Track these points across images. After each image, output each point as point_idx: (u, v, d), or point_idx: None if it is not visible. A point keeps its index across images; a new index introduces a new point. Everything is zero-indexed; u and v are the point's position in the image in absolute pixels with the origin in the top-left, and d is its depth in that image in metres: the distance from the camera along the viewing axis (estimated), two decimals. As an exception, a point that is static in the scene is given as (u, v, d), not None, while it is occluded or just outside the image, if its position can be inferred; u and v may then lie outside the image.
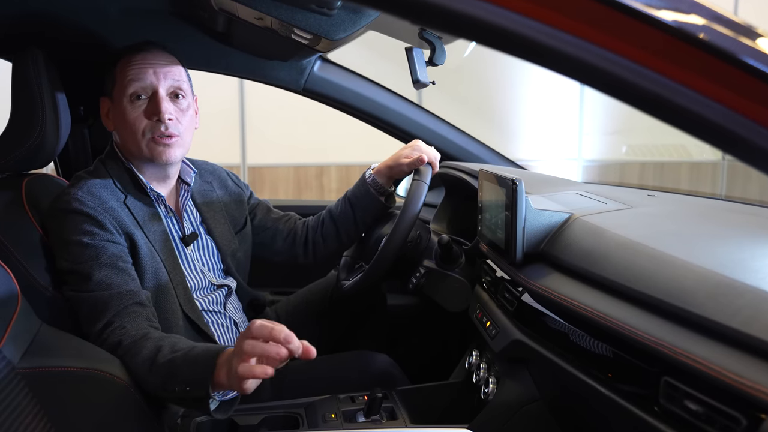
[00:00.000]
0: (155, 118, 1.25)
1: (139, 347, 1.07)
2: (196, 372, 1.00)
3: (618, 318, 0.76)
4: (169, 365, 1.03)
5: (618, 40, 0.50)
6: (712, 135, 0.53)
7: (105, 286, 1.15)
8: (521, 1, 0.49)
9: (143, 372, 1.05)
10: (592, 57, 0.50)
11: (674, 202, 1.22)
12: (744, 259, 0.74)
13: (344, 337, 1.68)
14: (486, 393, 1.20)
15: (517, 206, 0.99)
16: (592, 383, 0.82)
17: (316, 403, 1.27)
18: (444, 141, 1.85)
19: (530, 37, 0.49)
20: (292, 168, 5.09)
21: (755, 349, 0.59)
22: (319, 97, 1.79)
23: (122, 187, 1.28)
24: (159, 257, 1.26)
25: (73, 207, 1.19)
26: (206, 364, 0.99)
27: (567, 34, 0.50)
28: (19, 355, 0.92)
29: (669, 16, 0.49)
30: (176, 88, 1.29)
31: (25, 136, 1.25)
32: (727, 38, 0.51)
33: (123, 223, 1.23)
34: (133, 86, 1.26)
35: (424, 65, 1.21)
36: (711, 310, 0.65)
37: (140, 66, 1.26)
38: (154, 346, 1.06)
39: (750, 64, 0.50)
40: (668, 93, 0.51)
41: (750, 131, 0.52)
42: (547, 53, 0.51)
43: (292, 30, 1.17)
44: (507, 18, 0.49)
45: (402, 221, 1.31)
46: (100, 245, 1.18)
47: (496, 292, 1.21)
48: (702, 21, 0.51)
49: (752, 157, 0.53)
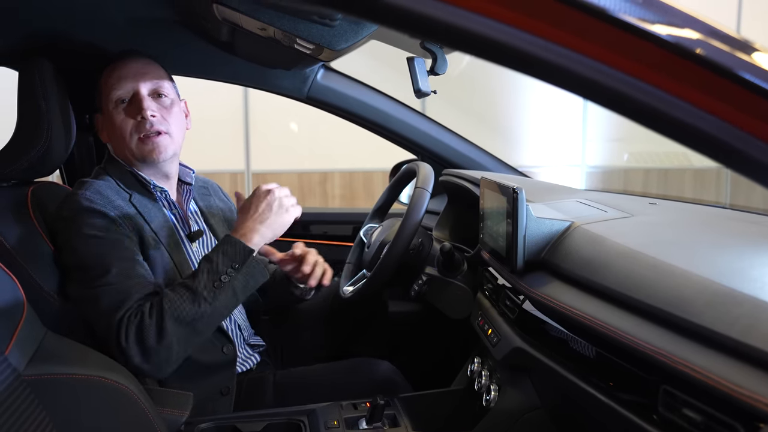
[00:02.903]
0: (138, 116, 1.28)
1: (165, 298, 1.15)
2: (228, 252, 1.20)
3: (618, 327, 0.77)
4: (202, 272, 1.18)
5: (612, 54, 0.51)
6: (707, 147, 0.53)
7: (125, 277, 1.17)
8: (518, 16, 0.50)
9: (188, 303, 1.15)
10: (586, 70, 0.51)
11: (675, 211, 1.23)
12: (743, 268, 0.74)
13: (346, 343, 1.68)
14: (488, 400, 1.21)
15: (518, 214, 1.00)
16: (592, 391, 0.83)
17: (319, 409, 1.27)
18: (446, 148, 1.86)
19: (525, 50, 0.50)
20: (295, 174, 5.10)
21: (753, 359, 0.59)
22: (323, 106, 1.81)
23: (126, 187, 1.30)
24: (167, 252, 1.28)
25: (84, 206, 1.21)
26: (230, 241, 1.21)
27: (561, 47, 0.51)
28: (25, 362, 0.93)
29: (663, 31, 0.50)
30: (157, 88, 1.32)
31: (31, 145, 1.27)
32: (722, 53, 0.51)
33: (132, 220, 1.25)
34: (115, 92, 1.29)
35: (426, 75, 1.22)
36: (709, 319, 0.65)
37: (120, 71, 1.30)
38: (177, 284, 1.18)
39: (745, 78, 0.51)
40: (663, 106, 0.51)
41: (746, 144, 0.52)
42: (541, 66, 0.51)
43: (294, 40, 1.18)
44: (504, 32, 0.50)
45: (404, 229, 1.32)
46: (115, 239, 1.20)
47: (497, 300, 1.21)
48: (697, 35, 0.52)
49: (748, 169, 0.54)
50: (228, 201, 1.59)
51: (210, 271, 1.18)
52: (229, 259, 1.19)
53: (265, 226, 1.23)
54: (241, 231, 1.22)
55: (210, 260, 1.19)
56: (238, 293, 1.21)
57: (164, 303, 1.14)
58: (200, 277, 1.18)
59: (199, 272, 1.18)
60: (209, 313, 1.17)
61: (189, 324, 1.14)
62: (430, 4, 0.48)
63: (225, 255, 1.19)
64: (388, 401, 1.27)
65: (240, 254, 1.20)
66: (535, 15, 0.50)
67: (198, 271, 1.19)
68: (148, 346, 1.11)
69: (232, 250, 1.20)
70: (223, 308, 1.19)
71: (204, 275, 1.18)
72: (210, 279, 1.17)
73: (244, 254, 1.20)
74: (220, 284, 1.17)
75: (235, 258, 1.19)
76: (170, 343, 1.13)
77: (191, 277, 1.19)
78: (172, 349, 1.13)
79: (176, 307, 1.14)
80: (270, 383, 1.39)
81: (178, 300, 1.14)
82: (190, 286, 1.17)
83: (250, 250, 1.21)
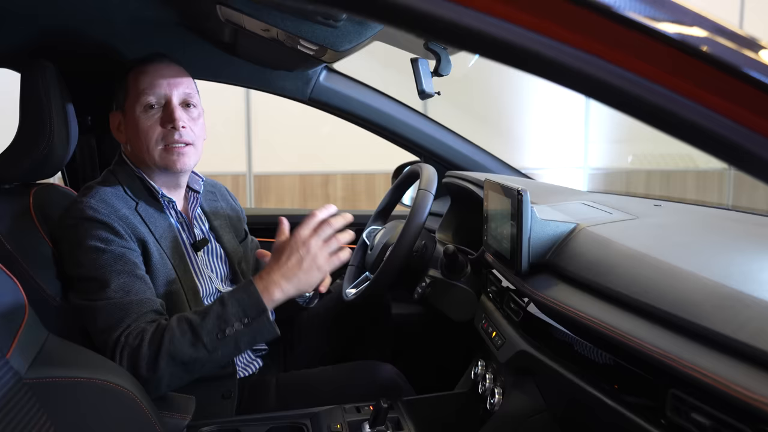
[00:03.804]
0: (169, 125, 1.27)
1: (166, 329, 1.10)
2: (243, 302, 1.12)
3: (625, 330, 0.76)
4: (213, 315, 1.11)
5: (619, 52, 0.51)
6: (713, 147, 0.53)
7: (124, 293, 1.15)
8: (526, 16, 0.49)
9: (187, 343, 1.09)
10: (593, 68, 0.50)
11: (680, 212, 1.22)
12: (751, 270, 0.74)
13: (349, 346, 1.68)
14: (492, 404, 1.20)
15: (523, 216, 0.99)
16: (599, 395, 0.82)
17: (322, 413, 1.26)
18: (449, 150, 1.85)
19: (532, 50, 0.49)
20: (297, 177, 5.10)
21: (763, 362, 0.58)
22: (325, 107, 1.80)
23: (133, 194, 1.29)
24: (170, 263, 1.27)
25: (88, 215, 1.20)
26: (248, 291, 1.13)
27: (568, 46, 0.50)
28: (27, 365, 0.92)
29: (671, 29, 0.50)
30: (188, 98, 1.31)
31: (33, 147, 1.26)
32: (730, 51, 0.51)
33: (136, 230, 1.23)
34: (146, 96, 1.27)
35: (430, 76, 1.22)
36: (718, 322, 0.65)
37: (153, 77, 1.28)
38: (182, 318, 1.12)
39: (753, 76, 0.50)
40: (671, 105, 0.51)
41: (754, 143, 0.52)
42: (545, 64, 0.51)
43: (298, 41, 1.18)
44: (512, 32, 0.49)
45: (407, 231, 1.31)
46: (117, 251, 1.18)
47: (501, 303, 1.20)
48: (704, 33, 0.51)
49: (755, 168, 0.53)
50: (236, 205, 1.57)
51: (219, 317, 1.12)
52: (241, 311, 1.12)
53: (289, 282, 1.15)
54: (264, 282, 1.15)
55: (223, 304, 1.13)
56: (242, 346, 1.15)
57: (165, 336, 1.10)
58: (208, 320, 1.12)
59: (209, 314, 1.12)
60: (206, 359, 1.12)
61: (184, 364, 1.11)
62: (439, 3, 0.47)
63: (239, 304, 1.13)
64: (391, 404, 1.27)
65: (254, 308, 1.13)
66: (541, 14, 0.50)
67: (208, 312, 1.13)
68: (139, 374, 1.09)
69: (247, 302, 1.13)
70: (221, 358, 1.15)
71: (212, 320, 1.11)
72: (216, 326, 1.11)
73: (258, 310, 1.13)
74: (224, 336, 1.11)
75: (248, 311, 1.13)
76: (161, 378, 1.10)
77: (200, 315, 1.13)
78: (161, 382, 1.10)
79: (175, 345, 1.09)
80: (272, 386, 1.38)
81: (179, 338, 1.10)
82: (194, 327, 1.11)
83: (264, 308, 1.13)
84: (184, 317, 1.13)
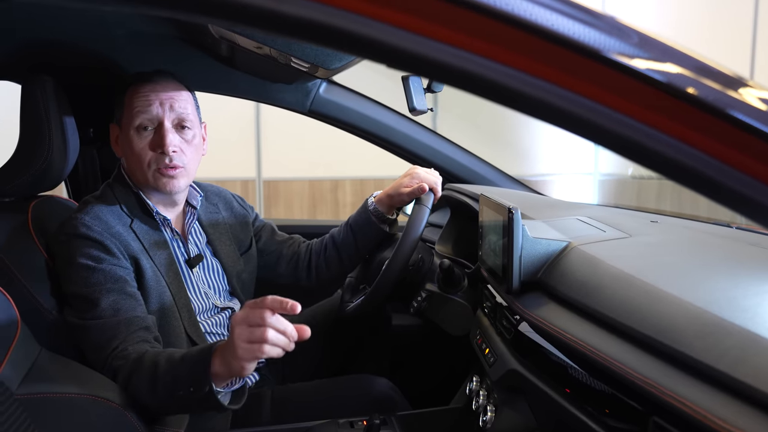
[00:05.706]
0: (159, 150, 1.27)
1: (137, 365, 1.08)
2: (195, 371, 1.01)
3: (609, 354, 0.75)
4: (170, 372, 1.04)
5: (599, 89, 0.51)
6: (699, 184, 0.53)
7: (113, 312, 1.16)
8: (511, 56, 0.50)
9: (146, 389, 1.05)
10: (579, 109, 0.50)
11: (675, 229, 1.21)
12: (736, 297, 0.73)
13: (348, 357, 1.67)
14: (484, 421, 1.19)
15: (514, 235, 0.99)
16: (584, 418, 0.81)
17: (316, 427, 1.26)
18: (451, 162, 1.85)
19: (508, 86, 0.50)
20: (307, 182, 5.11)
21: (740, 393, 0.58)
22: (326, 119, 1.81)
23: (129, 212, 1.29)
24: (164, 281, 1.27)
25: (81, 232, 1.21)
26: (203, 360, 1.01)
27: (546, 82, 0.50)
28: (18, 381, 0.93)
29: (654, 69, 0.49)
30: (182, 119, 1.30)
31: (32, 161, 1.28)
32: (712, 90, 0.50)
33: (129, 248, 1.24)
34: (139, 118, 1.27)
35: (422, 92, 1.22)
36: (699, 350, 0.64)
37: (147, 97, 1.28)
38: (152, 362, 1.07)
39: (735, 116, 0.50)
40: (656, 144, 0.51)
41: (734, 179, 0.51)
42: (526, 100, 0.51)
43: (290, 59, 1.18)
44: (492, 69, 0.50)
45: (403, 245, 1.31)
46: (108, 270, 1.19)
47: (495, 319, 1.20)
48: (686, 72, 0.51)
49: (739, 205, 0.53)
50: (242, 210, 1.54)
51: (174, 377, 1.03)
52: (191, 379, 1.01)
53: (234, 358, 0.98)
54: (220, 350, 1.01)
55: (183, 362, 1.04)
56: (194, 409, 1.10)
57: (132, 377, 1.06)
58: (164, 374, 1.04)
59: (170, 367, 1.04)
60: (159, 408, 1.10)
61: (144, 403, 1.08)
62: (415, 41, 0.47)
63: (190, 373, 1.02)
64: (384, 419, 1.27)
65: (202, 381, 1.00)
66: (521, 51, 0.50)
67: (170, 364, 1.05)
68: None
69: (196, 370, 1.01)
70: (175, 412, 1.12)
71: (168, 376, 1.04)
72: (171, 383, 1.03)
73: (205, 384, 1.00)
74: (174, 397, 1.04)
75: (198, 381, 1.01)
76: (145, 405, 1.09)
77: (165, 361, 1.05)
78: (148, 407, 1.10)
79: (135, 386, 1.06)
80: (267, 399, 1.38)
81: (142, 379, 1.05)
82: (153, 372, 1.05)
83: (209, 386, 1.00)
84: (155, 360, 1.06)
